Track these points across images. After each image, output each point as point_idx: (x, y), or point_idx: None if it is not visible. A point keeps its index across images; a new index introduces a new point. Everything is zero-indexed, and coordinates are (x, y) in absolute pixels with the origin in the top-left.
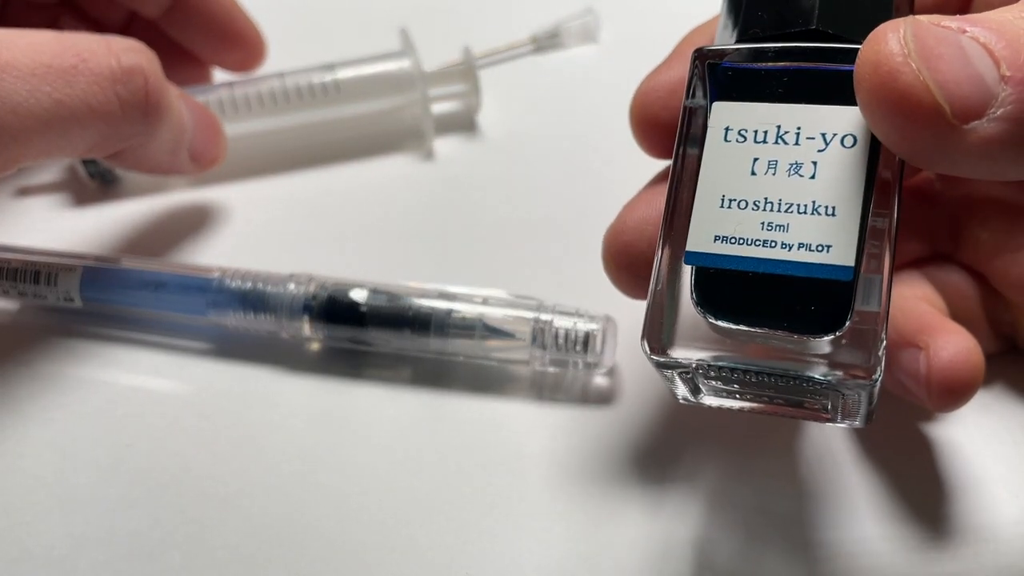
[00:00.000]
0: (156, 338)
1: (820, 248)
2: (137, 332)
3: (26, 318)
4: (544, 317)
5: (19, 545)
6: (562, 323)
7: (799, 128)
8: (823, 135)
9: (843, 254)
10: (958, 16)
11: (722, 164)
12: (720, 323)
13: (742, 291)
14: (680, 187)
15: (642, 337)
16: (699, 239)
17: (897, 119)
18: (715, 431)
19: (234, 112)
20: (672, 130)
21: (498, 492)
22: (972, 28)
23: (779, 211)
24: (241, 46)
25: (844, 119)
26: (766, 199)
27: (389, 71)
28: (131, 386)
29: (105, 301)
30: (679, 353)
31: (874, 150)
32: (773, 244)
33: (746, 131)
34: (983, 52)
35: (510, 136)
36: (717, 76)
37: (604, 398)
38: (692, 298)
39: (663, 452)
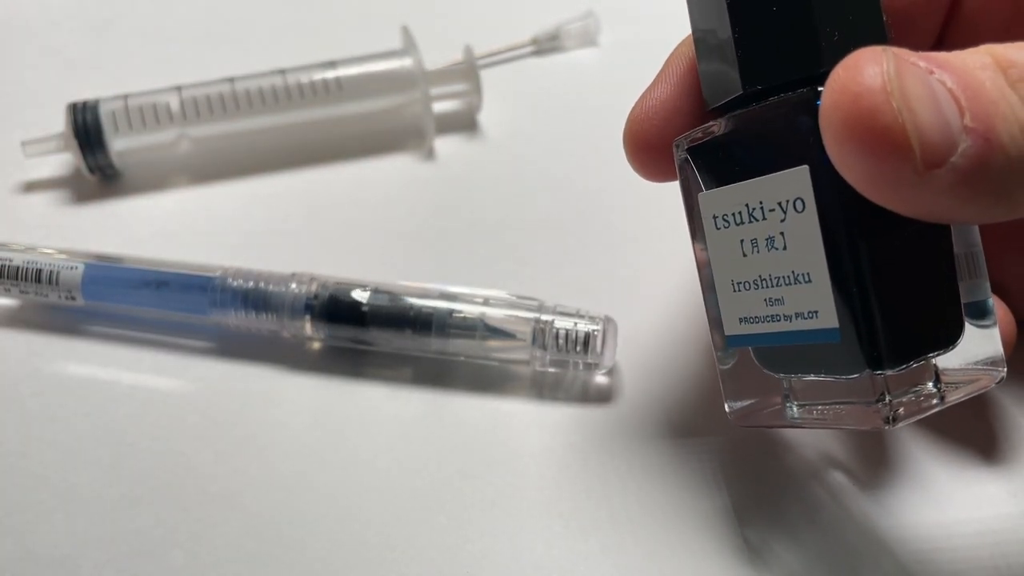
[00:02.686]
0: (158, 337)
1: (810, 315)
2: (139, 331)
3: (28, 316)
4: (545, 318)
5: (21, 544)
6: (563, 324)
7: (761, 202)
8: (780, 204)
9: (827, 318)
10: (921, 54)
11: (722, 252)
12: (778, 375)
13: (785, 352)
14: (701, 268)
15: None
16: (730, 324)
17: (866, 156)
18: (715, 431)
19: (235, 108)
20: (668, 152)
21: (498, 491)
22: (939, 72)
23: (773, 286)
24: None
25: (790, 183)
26: (760, 277)
27: (391, 69)
28: (133, 385)
29: (107, 300)
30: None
31: (822, 206)
32: (777, 318)
33: (728, 216)
34: (950, 99)
35: (511, 136)
36: (695, 161)
37: (604, 398)
38: (754, 358)
39: (663, 452)
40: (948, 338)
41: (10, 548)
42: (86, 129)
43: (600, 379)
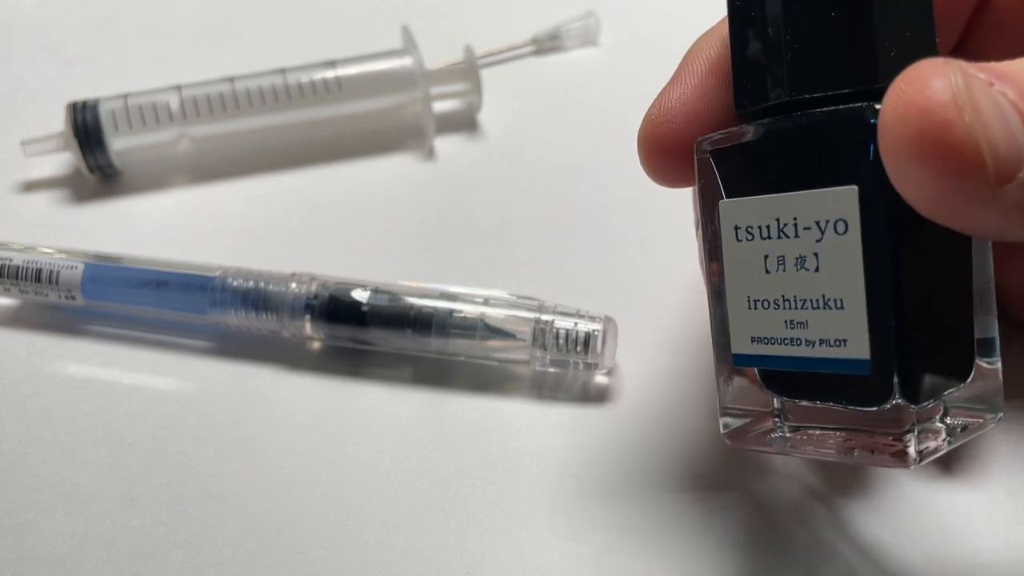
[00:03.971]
0: (158, 337)
1: (837, 343)
2: (139, 331)
3: (28, 316)
4: (545, 318)
5: (21, 544)
6: (563, 324)
7: (795, 219)
8: (817, 223)
9: (858, 347)
10: (979, 65)
11: (740, 265)
12: (785, 399)
13: (800, 377)
14: (711, 279)
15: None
16: (739, 342)
17: (936, 173)
18: (714, 430)
19: (235, 108)
20: (685, 156)
21: (498, 491)
22: (999, 83)
23: (797, 308)
24: None
25: (833, 203)
26: (783, 297)
27: (391, 69)
28: (133, 385)
29: (107, 299)
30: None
31: (867, 231)
32: (798, 342)
33: (752, 228)
34: (1013, 111)
35: (511, 136)
36: (719, 165)
37: (604, 398)
38: (759, 381)
39: (663, 451)
40: (963, 374)
41: (10, 547)
42: (86, 128)
43: (600, 379)
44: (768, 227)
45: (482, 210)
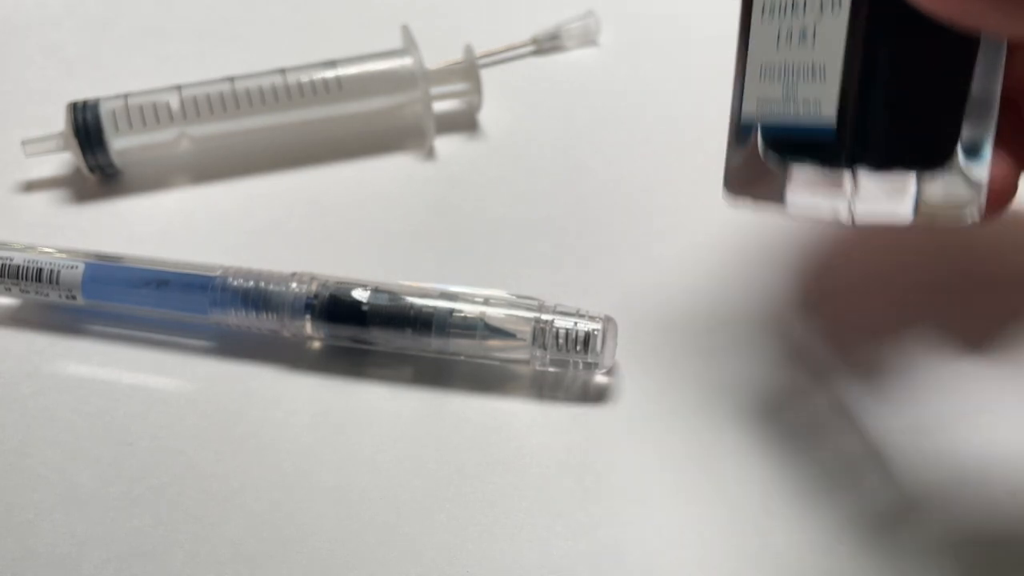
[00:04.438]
0: (158, 336)
1: (815, 106)
2: (139, 330)
3: (28, 316)
4: (545, 317)
5: (22, 543)
6: (563, 323)
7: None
8: (820, 2)
9: (828, 110)
10: None
11: (761, 39)
12: (776, 161)
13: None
14: (741, 56)
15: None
16: (749, 105)
17: None
18: (714, 430)
19: (235, 108)
20: None
21: (498, 490)
22: None
23: (793, 76)
24: None
25: None
26: (784, 66)
27: (391, 69)
28: (133, 384)
29: (107, 299)
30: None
31: (854, 11)
32: (788, 105)
33: (775, 7)
34: None
35: (511, 136)
36: None
37: (604, 397)
38: (759, 144)
39: (662, 451)
40: (935, 161)
41: (10, 547)
42: (86, 128)
43: (600, 378)
44: (785, 6)
45: (482, 210)
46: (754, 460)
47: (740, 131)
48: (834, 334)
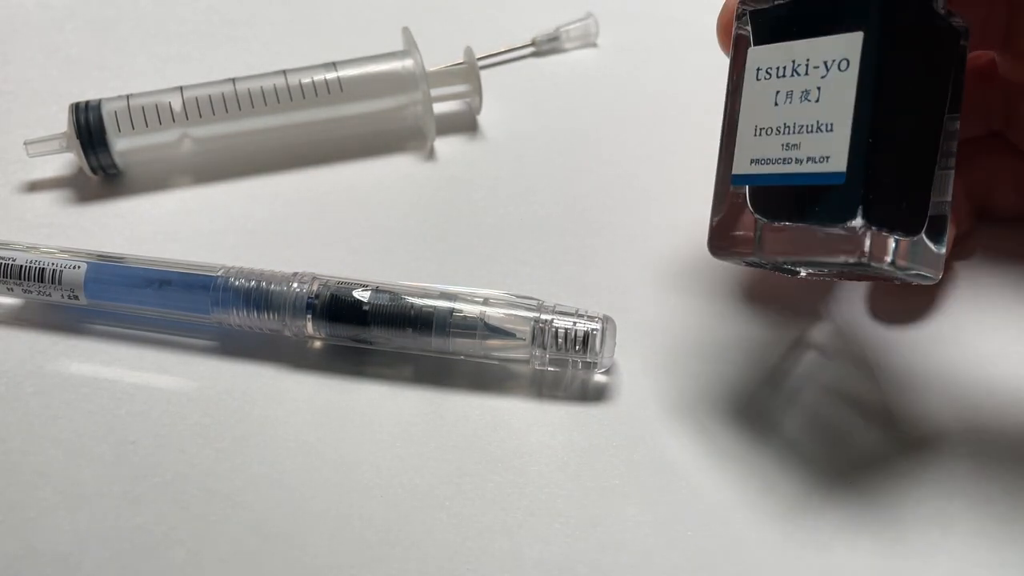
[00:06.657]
0: (160, 336)
1: (822, 159)
2: (141, 330)
3: (31, 315)
4: (544, 317)
5: (24, 541)
6: (562, 323)
7: (808, 59)
8: (825, 63)
9: (837, 161)
10: None
11: (755, 100)
12: (769, 222)
13: (782, 198)
14: (731, 124)
15: (708, 242)
16: (740, 164)
17: None
18: (714, 430)
19: (236, 109)
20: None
21: (498, 489)
22: None
23: (794, 133)
24: None
25: (840, 46)
26: (784, 124)
27: (392, 70)
28: (135, 383)
29: (109, 299)
30: (731, 257)
31: (864, 69)
32: (789, 161)
33: (771, 69)
34: None
35: (511, 137)
36: (754, 22)
37: (603, 397)
38: (748, 205)
39: (661, 450)
40: (914, 227)
41: (13, 545)
42: (88, 129)
43: (599, 378)
44: (784, 68)
45: (482, 210)
46: (753, 459)
47: (729, 191)
48: (834, 333)
